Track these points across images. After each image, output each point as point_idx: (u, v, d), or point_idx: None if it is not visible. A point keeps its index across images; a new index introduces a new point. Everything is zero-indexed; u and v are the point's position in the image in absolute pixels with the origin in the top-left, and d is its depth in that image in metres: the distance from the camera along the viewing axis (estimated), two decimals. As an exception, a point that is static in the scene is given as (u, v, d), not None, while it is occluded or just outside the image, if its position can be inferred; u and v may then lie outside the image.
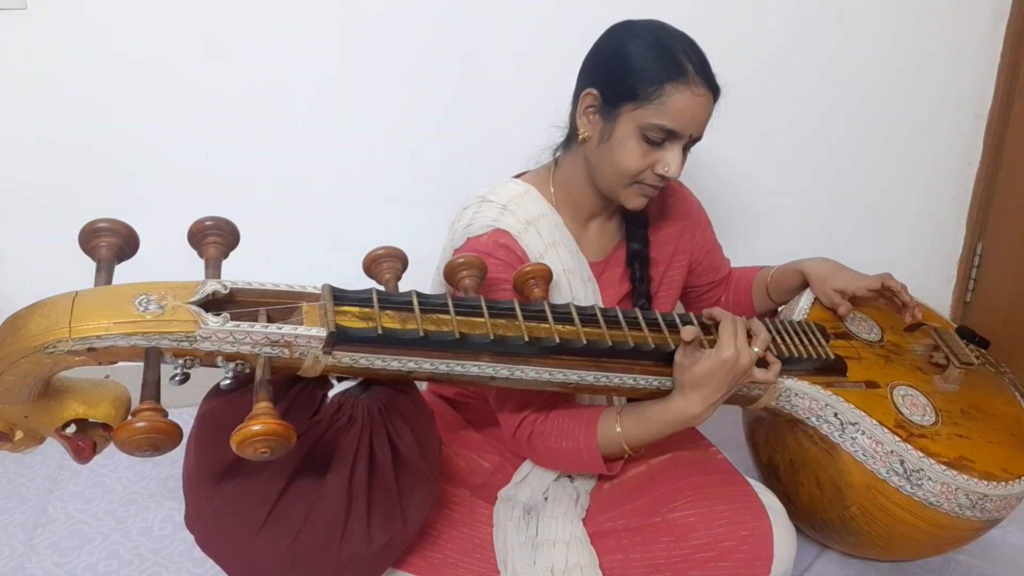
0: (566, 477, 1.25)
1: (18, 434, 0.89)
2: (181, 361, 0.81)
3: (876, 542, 1.22)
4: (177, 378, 0.81)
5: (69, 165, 1.66)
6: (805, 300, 1.34)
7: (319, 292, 0.90)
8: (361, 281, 1.01)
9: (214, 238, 0.91)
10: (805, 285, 1.36)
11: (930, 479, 1.12)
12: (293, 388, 0.95)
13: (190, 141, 1.68)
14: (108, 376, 0.94)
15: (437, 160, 1.78)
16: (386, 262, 1.01)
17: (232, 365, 0.83)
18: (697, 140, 1.12)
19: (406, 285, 0.99)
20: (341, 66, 1.68)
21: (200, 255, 0.91)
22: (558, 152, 1.23)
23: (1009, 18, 1.90)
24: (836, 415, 1.16)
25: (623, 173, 1.11)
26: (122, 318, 0.77)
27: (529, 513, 1.18)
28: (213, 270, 0.88)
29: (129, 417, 0.74)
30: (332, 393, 0.96)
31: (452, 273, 1.05)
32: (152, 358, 0.79)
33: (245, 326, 0.81)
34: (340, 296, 0.90)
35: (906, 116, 1.96)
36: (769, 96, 1.86)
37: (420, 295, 0.94)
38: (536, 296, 1.06)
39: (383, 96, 1.71)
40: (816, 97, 1.89)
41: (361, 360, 0.89)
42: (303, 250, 1.82)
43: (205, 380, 0.93)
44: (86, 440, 0.90)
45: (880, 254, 1.98)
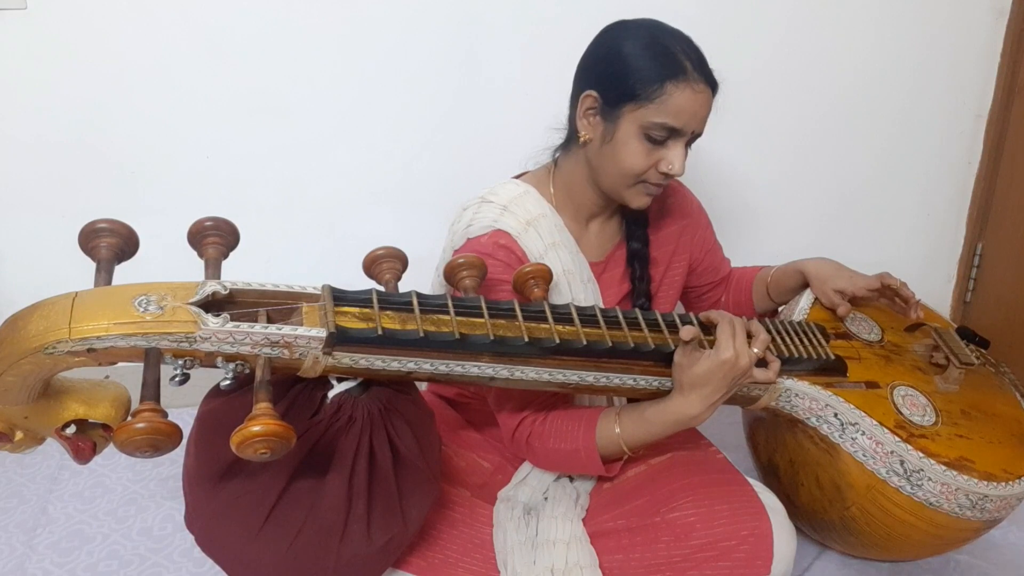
0: (566, 477, 1.25)
1: (18, 435, 0.89)
2: (181, 362, 0.81)
3: (876, 542, 1.22)
4: (177, 379, 0.81)
5: (69, 165, 1.66)
6: (805, 300, 1.34)
7: (319, 292, 0.90)
8: (361, 281, 1.01)
9: (214, 238, 0.91)
10: (805, 285, 1.36)
11: (930, 479, 1.12)
12: (293, 388, 0.95)
13: (190, 141, 1.68)
14: (108, 377, 0.94)
15: (437, 160, 1.78)
16: (386, 262, 1.01)
17: (232, 366, 0.83)
18: (698, 136, 1.12)
19: (406, 285, 0.99)
20: (341, 66, 1.68)
21: (200, 255, 0.91)
22: (557, 153, 1.23)
23: (1009, 18, 1.90)
24: (836, 415, 1.16)
25: (627, 173, 1.11)
26: (122, 319, 0.77)
27: (529, 513, 1.18)
28: (213, 270, 0.88)
29: (129, 418, 0.73)
30: (332, 393, 0.96)
31: (452, 273, 1.05)
32: (152, 359, 0.79)
33: (245, 327, 0.81)
34: (340, 296, 0.90)
35: (906, 116, 1.96)
36: (769, 96, 1.86)
37: (420, 295, 0.94)
38: (536, 296, 1.06)
39: (383, 96, 1.71)
40: (816, 97, 1.89)
41: (361, 360, 0.89)
42: (303, 250, 1.82)
43: (205, 380, 0.93)
44: (86, 440, 0.90)
45: (880, 254, 1.98)
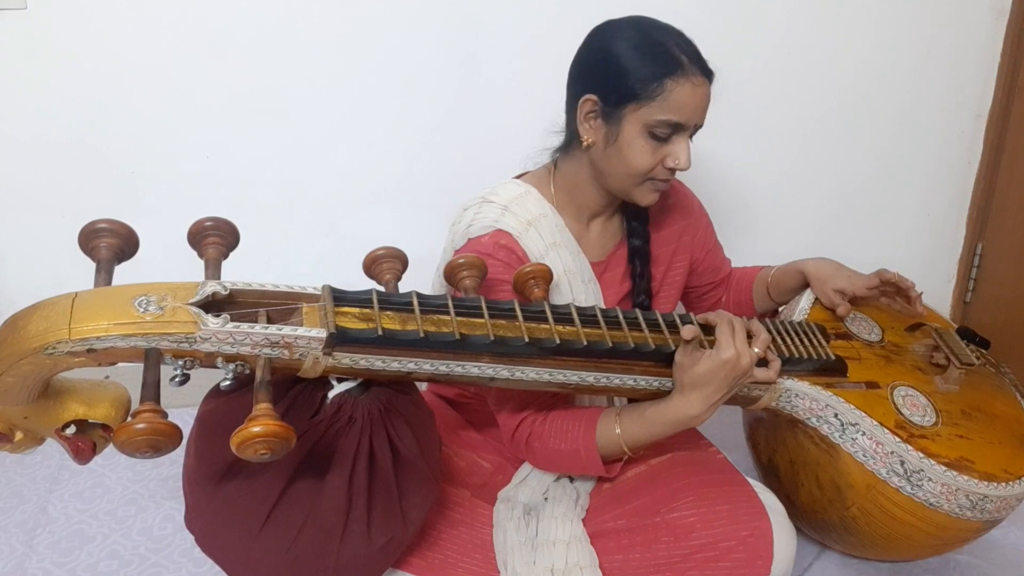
0: (566, 477, 1.25)
1: (18, 435, 0.89)
2: (181, 362, 0.81)
3: (876, 542, 1.22)
4: (177, 379, 0.81)
5: (69, 165, 1.66)
6: (805, 300, 1.34)
7: (319, 293, 0.90)
8: (361, 281, 1.01)
9: (214, 238, 0.91)
10: (805, 285, 1.36)
11: (930, 480, 1.12)
12: (293, 389, 0.95)
13: (190, 141, 1.68)
14: (108, 377, 0.94)
15: (437, 160, 1.78)
16: (386, 262, 1.01)
17: (232, 366, 0.83)
18: (699, 127, 1.12)
19: (406, 285, 0.99)
20: (341, 66, 1.68)
21: (200, 256, 0.91)
22: (556, 155, 1.22)
23: (1009, 18, 1.90)
24: (836, 416, 1.16)
25: (635, 172, 1.11)
26: (122, 319, 0.77)
27: (529, 513, 1.18)
28: (213, 271, 0.88)
29: (129, 418, 0.73)
30: (332, 394, 0.96)
31: (452, 273, 1.05)
32: (152, 359, 0.78)
33: (245, 327, 0.81)
34: (340, 297, 0.90)
35: (906, 116, 1.96)
36: (769, 96, 1.86)
37: (420, 296, 0.94)
38: (536, 297, 1.06)
39: (383, 96, 1.71)
40: (816, 97, 1.89)
41: (361, 361, 0.89)
42: (303, 250, 1.82)
43: (205, 381, 0.93)
44: (86, 441, 0.90)
45: (880, 254, 1.97)
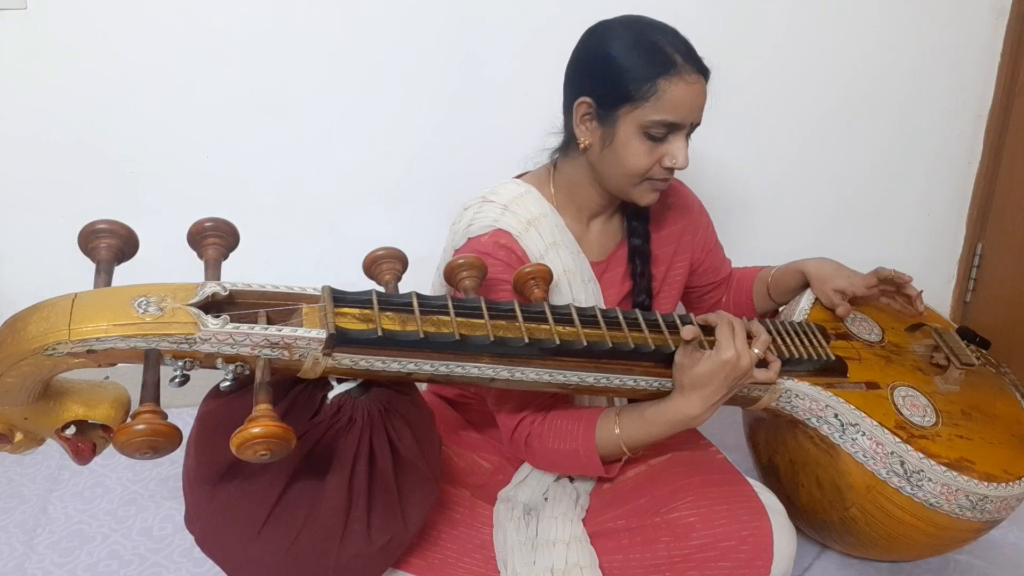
0: (566, 477, 1.25)
1: (18, 436, 0.89)
2: (181, 363, 0.81)
3: (876, 543, 1.22)
4: (177, 380, 0.81)
5: (69, 165, 1.66)
6: (806, 300, 1.34)
7: (319, 293, 0.90)
8: (361, 282, 1.01)
9: (214, 239, 0.91)
10: (806, 285, 1.36)
11: (930, 480, 1.12)
12: (293, 389, 0.95)
13: (190, 141, 1.68)
14: (108, 377, 0.94)
15: (437, 160, 1.78)
16: (386, 263, 1.01)
17: (232, 367, 0.83)
18: (697, 126, 1.12)
19: (406, 286, 0.99)
20: (341, 66, 1.68)
21: (200, 256, 0.91)
22: (555, 156, 1.22)
23: (1009, 18, 1.90)
24: (836, 416, 1.16)
25: (632, 173, 1.11)
26: (121, 320, 0.77)
27: (529, 513, 1.18)
28: (213, 271, 0.88)
29: (129, 419, 0.73)
30: (332, 394, 0.96)
31: (452, 274, 1.05)
32: (152, 360, 0.78)
33: (245, 328, 0.81)
34: (340, 297, 0.90)
35: (906, 116, 1.96)
36: (769, 96, 1.85)
37: (420, 296, 0.94)
38: (536, 297, 1.06)
39: (383, 96, 1.71)
40: (816, 97, 1.89)
41: (361, 362, 0.89)
42: (303, 250, 1.81)
43: (205, 381, 0.93)
44: (86, 441, 0.90)
45: (880, 254, 1.97)
